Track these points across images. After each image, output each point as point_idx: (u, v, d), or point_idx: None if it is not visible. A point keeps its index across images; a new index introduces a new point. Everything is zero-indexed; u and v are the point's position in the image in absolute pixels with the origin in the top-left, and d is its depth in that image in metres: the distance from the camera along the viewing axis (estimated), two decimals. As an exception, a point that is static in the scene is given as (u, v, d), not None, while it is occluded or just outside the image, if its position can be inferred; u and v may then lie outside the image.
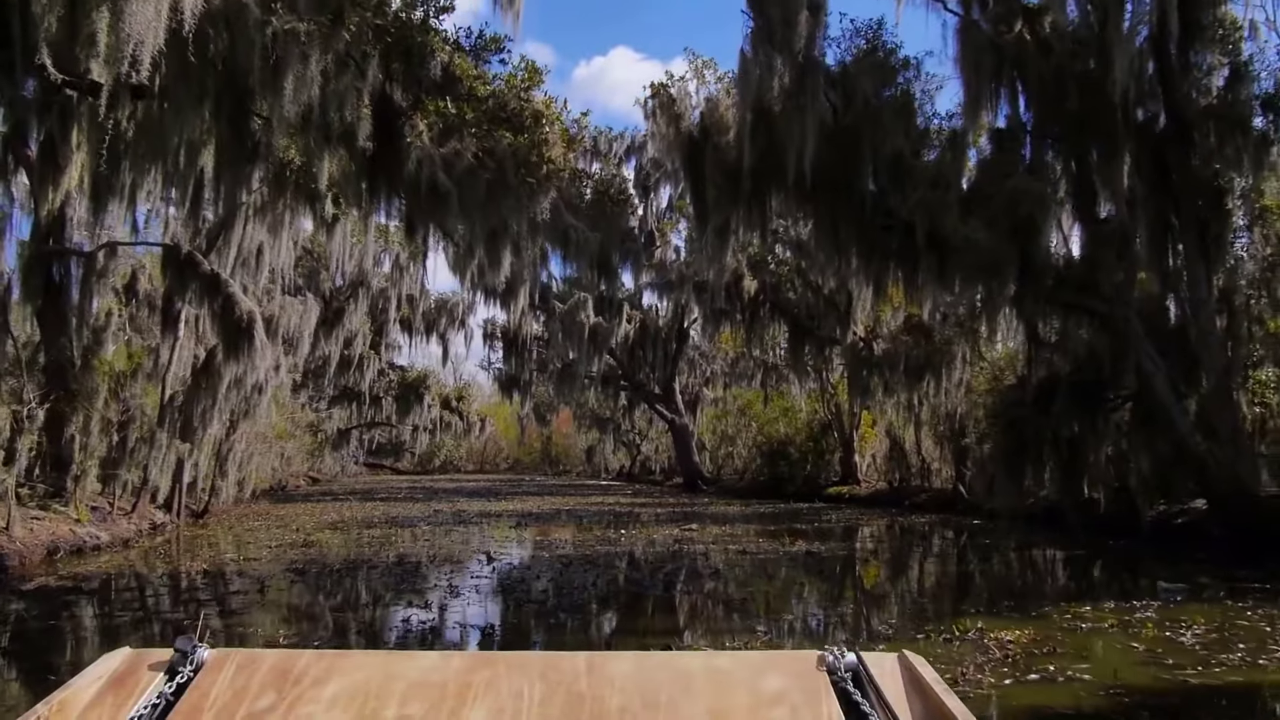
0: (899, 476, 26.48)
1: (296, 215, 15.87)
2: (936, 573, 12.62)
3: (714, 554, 13.63)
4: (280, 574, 11.10)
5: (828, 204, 11.78)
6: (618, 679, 1.55)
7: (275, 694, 1.49)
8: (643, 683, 1.55)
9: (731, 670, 1.60)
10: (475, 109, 10.32)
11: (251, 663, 1.57)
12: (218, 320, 15.43)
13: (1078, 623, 7.95)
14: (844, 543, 16.20)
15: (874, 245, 11.86)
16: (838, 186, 11.63)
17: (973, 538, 16.66)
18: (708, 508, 25.19)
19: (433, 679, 1.54)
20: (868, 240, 11.83)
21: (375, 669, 1.58)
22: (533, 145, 10.15)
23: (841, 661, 1.60)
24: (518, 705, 1.48)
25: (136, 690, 1.50)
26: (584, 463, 58.36)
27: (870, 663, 1.60)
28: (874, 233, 11.80)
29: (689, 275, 23.74)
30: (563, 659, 1.62)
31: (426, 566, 11.97)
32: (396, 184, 10.76)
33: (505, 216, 10.86)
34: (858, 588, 11.26)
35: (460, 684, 1.53)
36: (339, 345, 32.27)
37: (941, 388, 20.88)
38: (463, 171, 10.39)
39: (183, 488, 17.95)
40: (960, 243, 10.81)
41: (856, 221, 11.74)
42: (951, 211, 10.95)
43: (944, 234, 10.97)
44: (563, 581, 10.73)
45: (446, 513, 22.61)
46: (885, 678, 1.56)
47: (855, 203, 11.73)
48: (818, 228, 12.26)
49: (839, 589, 11.03)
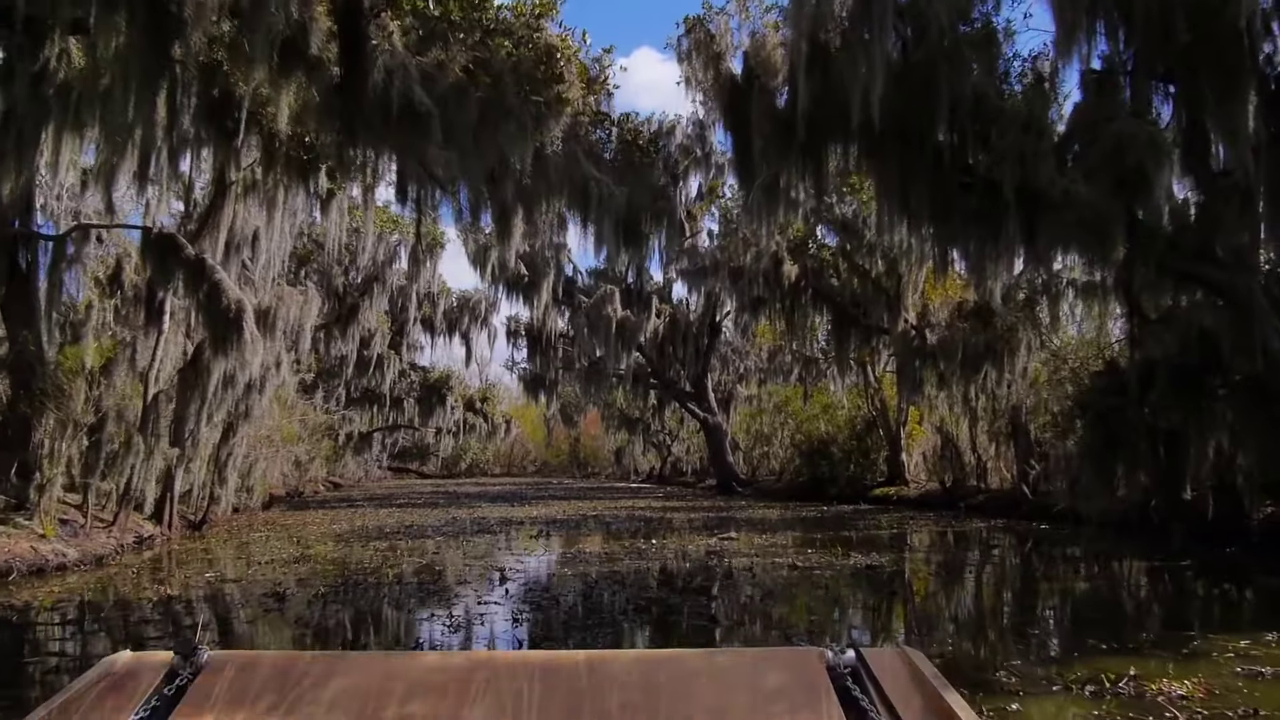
0: (952, 476, 24.48)
1: (290, 193, 14.28)
2: (1031, 592, 10.71)
3: (759, 569, 11.85)
4: (255, 601, 9.49)
5: (895, 157, 9.93)
6: (618, 677, 1.54)
7: (275, 696, 1.48)
8: (643, 681, 1.54)
9: (732, 667, 1.61)
10: (463, 7, 8.52)
11: (251, 665, 1.57)
12: (202, 310, 13.88)
13: (1253, 666, 6.10)
14: (904, 554, 14.33)
15: (949, 206, 10.00)
16: (907, 136, 9.80)
17: (1052, 546, 14.73)
18: (744, 512, 23.37)
19: (433, 679, 1.54)
20: (942, 200, 9.96)
21: (375, 670, 1.58)
22: (539, 59, 8.34)
23: (842, 658, 1.58)
24: (518, 705, 1.47)
25: (137, 693, 1.48)
26: (613, 465, 56.56)
27: (871, 659, 1.59)
28: (950, 191, 9.95)
29: (723, 261, 21.96)
30: (562, 658, 1.62)
31: (429, 590, 10.30)
32: (361, 103, 8.92)
33: (505, 150, 9.07)
34: (942, 613, 9.40)
35: (460, 684, 1.52)
36: (354, 344, 30.77)
37: (1004, 378, 18.91)
38: (447, 89, 8.61)
39: (174, 496, 16.45)
40: (1058, 197, 8.94)
41: (929, 178, 9.89)
42: (1047, 160, 9.08)
43: (1037, 188, 9.11)
44: (586, 608, 9.03)
45: (465, 520, 20.97)
46: (885, 674, 1.55)
47: (927, 156, 9.88)
48: (882, 187, 10.38)
49: (920, 616, 9.19)
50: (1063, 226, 9.07)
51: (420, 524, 19.84)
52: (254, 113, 13.66)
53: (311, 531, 18.09)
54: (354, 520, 20.88)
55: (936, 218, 10.18)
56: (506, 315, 39.02)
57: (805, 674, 1.56)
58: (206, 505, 18.52)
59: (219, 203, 15.02)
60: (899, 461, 26.61)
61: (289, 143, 13.55)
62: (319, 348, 30.14)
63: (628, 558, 13.07)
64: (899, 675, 1.55)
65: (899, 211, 10.35)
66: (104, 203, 13.59)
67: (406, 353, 42.80)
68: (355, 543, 15.62)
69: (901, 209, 10.26)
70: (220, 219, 15.03)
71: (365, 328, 36.30)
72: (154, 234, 13.84)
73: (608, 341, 31.32)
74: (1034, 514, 19.45)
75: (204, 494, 18.40)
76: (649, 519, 21.33)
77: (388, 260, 29.39)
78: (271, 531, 18.11)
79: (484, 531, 17.91)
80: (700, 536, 16.48)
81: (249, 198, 15.60)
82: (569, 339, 37.50)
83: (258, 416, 17.91)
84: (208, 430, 16.08)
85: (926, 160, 9.93)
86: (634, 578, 11.18)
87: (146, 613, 8.87)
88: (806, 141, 9.89)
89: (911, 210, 10.16)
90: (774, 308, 22.21)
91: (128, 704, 1.45)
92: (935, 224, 10.28)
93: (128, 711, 1.42)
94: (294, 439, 23.08)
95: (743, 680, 1.55)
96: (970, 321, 20.02)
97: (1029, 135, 9.29)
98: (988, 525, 18.47)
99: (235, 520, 20.62)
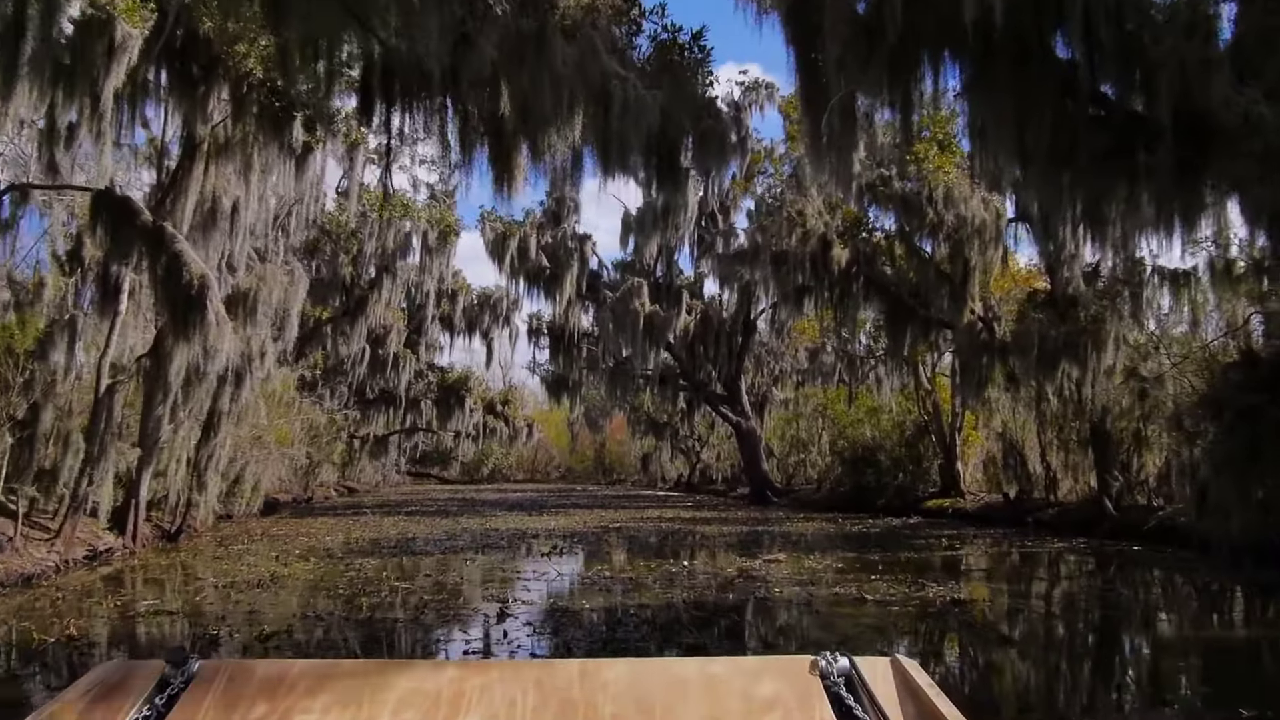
0: (1017, 487, 21.98)
1: (264, 150, 12.23)
2: (1203, 644, 8.22)
3: (819, 602, 9.58)
4: (182, 644, 7.38)
5: (1007, 75, 7.62)
6: (611, 685, 1.53)
7: (267, 704, 1.47)
8: (636, 689, 1.53)
9: (725, 676, 1.58)
10: None
11: (243, 673, 1.55)
12: (160, 286, 11.84)
13: None
14: (992, 583, 11.95)
15: (1074, 144, 7.66)
16: (1024, 54, 7.49)
17: (1180, 572, 12.36)
18: (783, 525, 21.01)
19: (426, 688, 1.53)
20: (1066, 136, 7.62)
21: (368, 678, 1.55)
22: None
23: (834, 666, 1.57)
24: (511, 713, 1.47)
25: (128, 702, 1.47)
26: (639, 471, 54.21)
27: (863, 667, 1.58)
28: (1077, 123, 7.63)
29: (764, 245, 19.66)
30: (556, 666, 1.62)
31: (404, 632, 8.14)
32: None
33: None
34: (1122, 685, 7.05)
35: (453, 692, 1.51)
36: (361, 339, 28.72)
37: (1088, 375, 16.47)
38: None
39: (139, 503, 14.43)
40: (1235, 123, 6.61)
41: (1051, 104, 7.58)
42: (1220, 72, 6.76)
43: (1204, 110, 6.81)
44: (603, 663, 6.77)
45: (474, 532, 18.80)
46: (878, 682, 1.54)
47: (1050, 80, 7.57)
48: (992, 119, 8.04)
49: (1073, 685, 6.85)
50: (1244, 162, 6.71)
51: (425, 536, 17.71)
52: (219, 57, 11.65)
53: (300, 544, 16.01)
54: (352, 531, 18.79)
55: (1057, 159, 7.83)
56: (528, 313, 36.78)
57: (798, 682, 1.54)
58: (184, 513, 16.52)
59: (186, 165, 13.00)
60: (954, 471, 24.14)
61: (259, 88, 11.49)
62: (325, 343, 28.17)
63: (656, 584, 10.82)
64: (892, 683, 1.53)
65: (1009, 153, 7.99)
66: (43, 161, 11.58)
67: (425, 352, 40.85)
68: (342, 560, 13.51)
69: (1015, 152, 7.88)
70: (188, 184, 13.00)
71: (381, 324, 34.39)
72: (104, 196, 11.82)
73: (635, 339, 29.09)
74: (1119, 532, 16.98)
75: (182, 500, 16.42)
76: (678, 532, 19.07)
77: (399, 250, 27.30)
78: (256, 543, 16.05)
79: (492, 547, 15.74)
80: (739, 556, 14.21)
81: (222, 160, 13.58)
82: (593, 338, 35.32)
83: (239, 412, 15.86)
84: (173, 428, 14.04)
85: (1048, 86, 7.61)
86: (664, 614, 8.95)
87: (21, 665, 6.76)
88: (895, 54, 7.60)
89: (1028, 153, 7.80)
90: (821, 296, 19.84)
91: (119, 713, 1.43)
92: (1060, 169, 7.90)
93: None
94: (288, 440, 21.04)
95: (736, 688, 1.53)
96: (1045, 312, 17.59)
97: (1193, 41, 6.98)
98: (1069, 545, 16.01)
99: (223, 529, 18.63)
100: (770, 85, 29.08)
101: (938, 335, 20.20)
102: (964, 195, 16.27)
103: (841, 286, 19.22)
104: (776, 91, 28.96)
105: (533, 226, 29.87)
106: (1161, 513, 17.27)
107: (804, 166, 17.37)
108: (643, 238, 29.15)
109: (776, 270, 19.40)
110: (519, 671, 1.57)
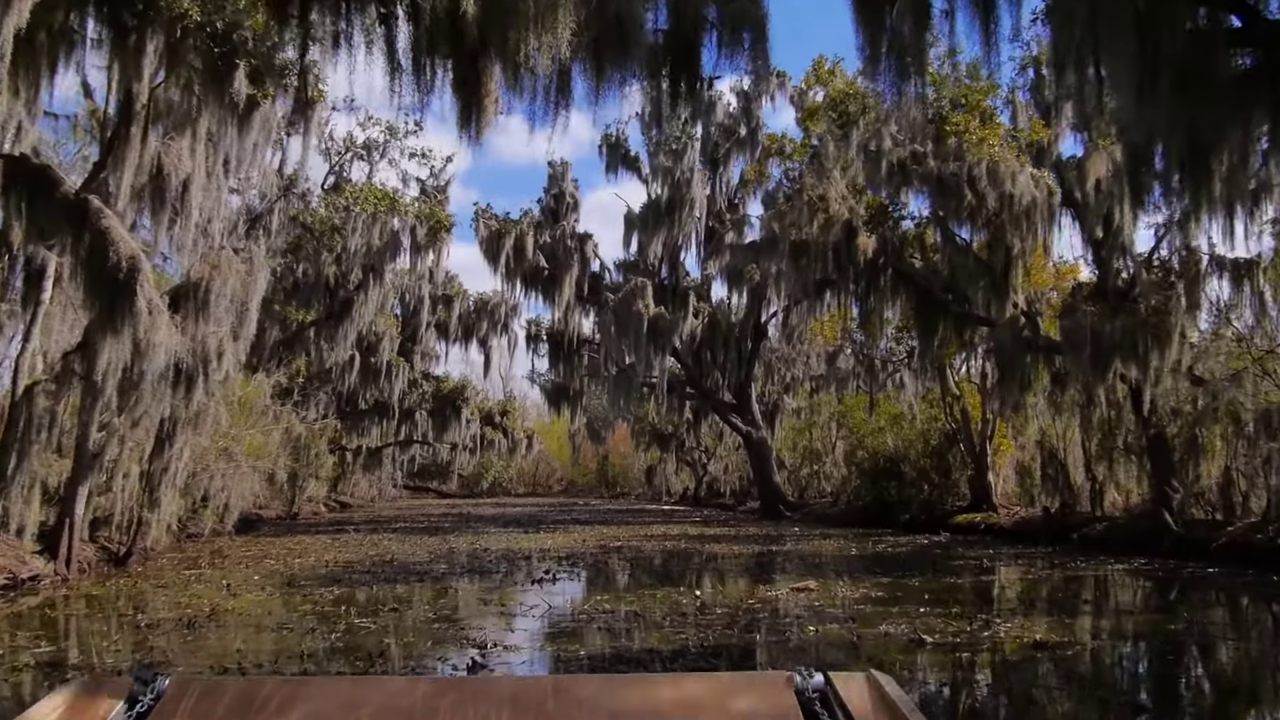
0: (1059, 500, 20.12)
1: (205, 107, 10.49)
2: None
3: (869, 646, 7.76)
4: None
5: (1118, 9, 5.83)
6: (585, 702, 1.50)
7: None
8: (611, 706, 1.49)
9: (700, 692, 1.57)
10: None
11: (214, 691, 1.51)
12: (83, 269, 10.09)
13: None
14: (1067, 618, 10.03)
15: (1206, 87, 5.91)
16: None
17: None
18: (800, 543, 19.15)
19: (399, 704, 1.50)
20: (1198, 78, 5.86)
21: (340, 695, 1.52)
22: None
23: (810, 682, 1.53)
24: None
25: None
26: (644, 484, 52.21)
27: (839, 683, 1.55)
28: (1210, 42, 5.89)
29: (781, 235, 17.82)
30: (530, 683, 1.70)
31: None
32: None
33: None
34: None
35: (426, 709, 1.47)
36: (349, 345, 26.93)
37: (1149, 374, 14.64)
38: None
39: (74, 522, 12.62)
40: None
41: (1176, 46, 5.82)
42: None
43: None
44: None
45: (460, 553, 16.96)
46: (853, 698, 1.51)
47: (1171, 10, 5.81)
48: (1107, 25, 6.27)
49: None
50: None
51: (405, 559, 15.86)
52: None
53: (264, 568, 14.23)
54: (326, 553, 16.96)
55: (1185, 87, 6.00)
56: (526, 319, 34.96)
57: (773, 698, 1.52)
58: (134, 533, 14.72)
59: (123, 132, 11.25)
60: (985, 483, 22.25)
61: (197, 33, 9.75)
62: (309, 349, 26.42)
63: (667, 622, 9.00)
64: (867, 700, 1.51)
65: (1129, 104, 6.21)
66: None
67: (420, 361, 39.07)
68: (303, 588, 11.71)
69: (1133, 99, 6.07)
70: (125, 153, 11.25)
71: (373, 331, 32.65)
72: (18, 163, 10.08)
73: (638, 344, 27.29)
74: (1181, 550, 15.11)
75: (131, 519, 14.64)
76: (688, 552, 17.23)
77: (387, 249, 25.52)
78: (211, 569, 14.23)
79: (479, 572, 13.91)
80: (759, 583, 12.39)
81: (169, 131, 11.86)
82: (594, 344, 33.52)
83: (194, 420, 14.09)
84: (113, 437, 12.28)
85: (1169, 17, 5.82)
86: (678, 664, 7.13)
87: None
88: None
89: (1147, 99, 6.02)
90: (844, 290, 18.01)
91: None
92: (1178, 96, 6.11)
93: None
94: (263, 452, 19.25)
95: (711, 705, 1.51)
96: (1096, 304, 15.78)
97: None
98: (1128, 567, 14.15)
99: (185, 550, 16.84)
100: (781, 74, 27.43)
101: (973, 333, 18.39)
102: (1011, 170, 14.46)
103: (867, 279, 17.40)
104: (788, 80, 27.33)
105: (530, 224, 28.18)
106: (1231, 528, 15.44)
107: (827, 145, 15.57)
108: (646, 236, 27.44)
109: (795, 262, 17.59)
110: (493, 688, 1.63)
